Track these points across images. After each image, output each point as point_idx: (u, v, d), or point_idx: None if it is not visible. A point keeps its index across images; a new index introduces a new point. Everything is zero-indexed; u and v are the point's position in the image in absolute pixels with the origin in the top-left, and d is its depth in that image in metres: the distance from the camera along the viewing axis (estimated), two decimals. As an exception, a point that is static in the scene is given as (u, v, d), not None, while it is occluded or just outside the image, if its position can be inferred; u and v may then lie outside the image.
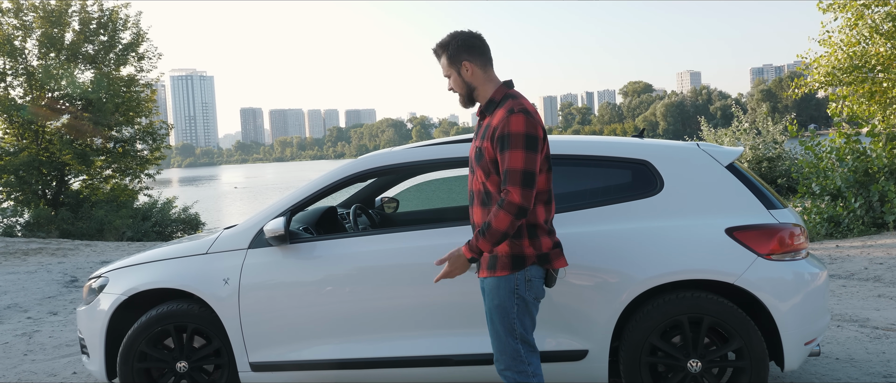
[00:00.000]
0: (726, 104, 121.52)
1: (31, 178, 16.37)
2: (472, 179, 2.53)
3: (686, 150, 3.14)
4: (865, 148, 9.24)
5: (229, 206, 39.25)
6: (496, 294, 2.46)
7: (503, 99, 2.48)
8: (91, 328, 3.42)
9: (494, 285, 2.46)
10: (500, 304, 2.45)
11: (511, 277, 2.44)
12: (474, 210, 2.53)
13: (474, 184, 2.52)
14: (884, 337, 4.25)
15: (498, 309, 2.46)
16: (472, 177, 2.54)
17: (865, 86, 10.43)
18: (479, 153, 2.48)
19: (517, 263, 2.44)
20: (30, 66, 16.80)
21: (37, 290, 7.32)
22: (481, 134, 2.49)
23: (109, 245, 12.11)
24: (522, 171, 2.32)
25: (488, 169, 2.44)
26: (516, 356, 2.45)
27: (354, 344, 3.12)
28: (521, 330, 2.46)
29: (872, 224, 8.77)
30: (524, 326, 2.46)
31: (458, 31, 2.53)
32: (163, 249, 3.53)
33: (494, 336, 2.49)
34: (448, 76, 2.53)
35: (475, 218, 2.53)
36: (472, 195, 2.54)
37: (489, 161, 2.43)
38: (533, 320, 2.49)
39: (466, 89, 2.52)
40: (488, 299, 2.50)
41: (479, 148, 2.48)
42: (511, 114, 2.37)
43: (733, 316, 2.87)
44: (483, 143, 2.46)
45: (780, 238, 2.91)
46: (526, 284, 2.45)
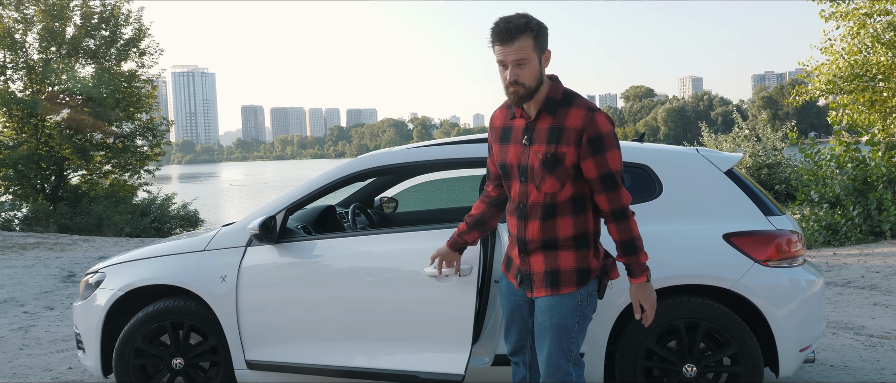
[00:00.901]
0: (727, 110, 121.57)
1: (30, 172, 16.35)
2: (529, 190, 2.23)
3: (685, 155, 3.15)
4: (865, 156, 9.26)
5: (228, 204, 39.23)
6: (557, 313, 2.23)
7: (566, 97, 2.20)
8: (87, 323, 3.42)
9: (556, 303, 2.24)
10: (560, 323, 2.22)
11: (575, 294, 2.23)
12: (531, 224, 2.24)
13: (535, 196, 2.22)
14: (878, 345, 4.26)
15: (557, 330, 2.23)
16: (527, 187, 2.23)
17: (866, 94, 10.45)
18: (554, 160, 2.17)
19: (583, 278, 2.24)
20: (30, 59, 16.79)
21: (34, 285, 7.31)
22: (546, 138, 2.19)
23: (108, 240, 12.10)
24: (621, 172, 2.21)
25: (566, 176, 2.18)
26: (567, 379, 2.26)
27: (349, 351, 3.05)
28: (576, 352, 2.27)
29: (870, 232, 8.78)
30: (579, 346, 2.28)
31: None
32: (160, 245, 3.53)
33: (546, 358, 2.26)
34: (522, 62, 2.12)
35: (535, 234, 2.24)
36: (529, 207, 2.24)
37: (570, 167, 2.17)
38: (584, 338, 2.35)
39: (538, 82, 2.16)
40: (545, 318, 2.26)
41: (554, 154, 2.17)
42: (595, 113, 2.15)
43: (730, 321, 2.87)
44: (559, 149, 2.17)
45: (777, 244, 2.91)
46: (588, 300, 2.26)
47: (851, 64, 10.42)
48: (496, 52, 2.16)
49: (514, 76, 2.13)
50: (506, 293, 2.46)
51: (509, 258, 2.41)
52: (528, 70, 2.14)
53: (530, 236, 2.26)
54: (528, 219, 2.25)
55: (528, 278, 2.30)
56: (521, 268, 2.33)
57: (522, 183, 2.25)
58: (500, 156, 2.31)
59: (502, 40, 2.12)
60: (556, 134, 2.19)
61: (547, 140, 2.19)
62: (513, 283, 2.40)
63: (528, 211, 2.25)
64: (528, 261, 2.30)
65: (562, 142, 2.17)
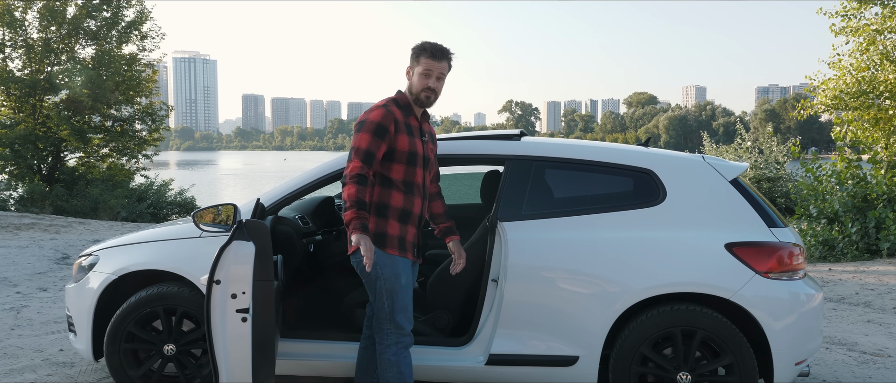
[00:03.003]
0: (730, 121, 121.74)
1: (27, 152, 16.26)
2: (426, 175, 2.87)
3: (691, 162, 3.13)
4: (866, 174, 9.25)
5: (225, 191, 39.15)
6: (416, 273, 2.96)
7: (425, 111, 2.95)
8: (79, 306, 3.39)
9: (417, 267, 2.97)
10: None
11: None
12: (424, 203, 2.89)
13: (429, 180, 2.93)
14: (871, 361, 4.25)
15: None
16: (426, 173, 2.87)
17: (871, 112, 10.44)
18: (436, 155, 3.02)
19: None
20: (30, 38, 16.69)
21: (27, 265, 7.27)
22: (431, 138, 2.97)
23: (103, 224, 12.05)
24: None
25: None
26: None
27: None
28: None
29: (866, 250, 8.78)
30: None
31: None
32: (155, 230, 3.50)
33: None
34: (440, 77, 2.82)
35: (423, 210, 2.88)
36: (427, 190, 2.89)
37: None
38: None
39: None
40: (413, 277, 2.89)
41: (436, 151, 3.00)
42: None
43: (727, 331, 2.86)
44: (434, 146, 2.98)
45: (779, 257, 2.90)
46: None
47: (859, 80, 10.41)
48: (423, 64, 2.78)
49: (434, 86, 2.80)
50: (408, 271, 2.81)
51: (402, 238, 2.79)
52: (441, 85, 2.84)
53: (422, 212, 2.90)
54: (426, 198, 2.90)
55: (420, 248, 2.94)
56: (414, 239, 2.86)
57: (424, 169, 2.86)
58: (409, 145, 2.79)
59: (434, 57, 2.78)
60: (433, 137, 3.00)
61: (432, 140, 2.96)
62: (409, 260, 2.83)
63: (426, 192, 2.90)
64: (419, 232, 2.90)
65: (436, 144, 3.01)
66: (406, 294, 2.77)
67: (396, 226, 2.77)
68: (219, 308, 2.53)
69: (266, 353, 2.62)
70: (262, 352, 2.61)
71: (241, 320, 2.53)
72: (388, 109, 2.77)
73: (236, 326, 2.54)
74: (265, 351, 2.61)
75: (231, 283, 2.53)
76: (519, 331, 2.99)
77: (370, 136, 2.70)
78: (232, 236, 2.56)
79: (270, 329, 2.61)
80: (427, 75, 2.77)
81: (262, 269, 2.56)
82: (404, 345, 2.79)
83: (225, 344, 2.54)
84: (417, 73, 2.78)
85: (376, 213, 2.78)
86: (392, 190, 2.78)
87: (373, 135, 2.71)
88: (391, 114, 2.75)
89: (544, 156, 3.16)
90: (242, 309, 2.53)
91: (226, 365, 2.55)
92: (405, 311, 2.77)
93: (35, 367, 3.88)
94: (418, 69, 2.78)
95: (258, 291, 2.56)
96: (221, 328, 2.53)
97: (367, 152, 2.69)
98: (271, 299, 2.59)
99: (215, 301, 2.52)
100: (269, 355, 2.64)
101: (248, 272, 2.53)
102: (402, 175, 2.77)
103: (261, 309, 2.57)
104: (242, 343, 2.55)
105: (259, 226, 2.59)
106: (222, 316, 2.53)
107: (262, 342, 2.60)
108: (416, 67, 2.79)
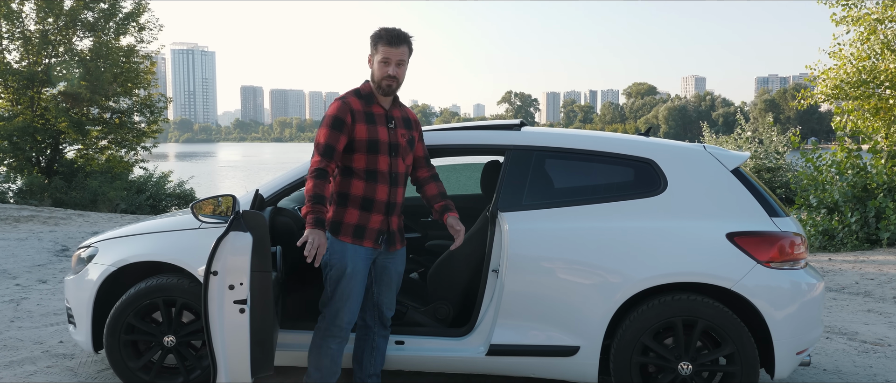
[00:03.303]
0: (729, 111, 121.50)
1: (25, 145, 16.21)
2: (397, 163, 2.83)
3: (692, 152, 3.11)
4: (866, 163, 9.23)
5: (225, 183, 39.12)
6: (404, 259, 2.98)
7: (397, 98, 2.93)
8: (78, 298, 3.38)
9: (403, 251, 2.97)
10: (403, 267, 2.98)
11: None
12: (400, 191, 2.87)
13: (402, 167, 2.86)
14: (871, 351, 4.26)
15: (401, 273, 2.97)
16: (396, 160, 2.83)
17: (871, 101, 10.40)
18: (412, 141, 2.92)
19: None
20: (27, 30, 16.60)
21: (27, 258, 7.26)
22: (404, 124, 2.90)
23: (102, 216, 12.03)
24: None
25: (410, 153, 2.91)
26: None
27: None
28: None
29: (866, 239, 8.78)
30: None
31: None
32: (154, 222, 3.49)
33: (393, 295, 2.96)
34: (401, 63, 2.78)
35: (398, 197, 2.86)
36: (400, 177, 2.85)
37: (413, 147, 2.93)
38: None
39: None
40: (400, 263, 2.94)
41: (411, 137, 2.91)
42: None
43: (728, 321, 2.85)
44: (412, 133, 2.93)
45: (780, 246, 2.89)
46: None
47: (859, 69, 10.37)
48: (381, 52, 2.76)
49: (394, 73, 2.77)
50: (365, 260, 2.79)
51: (361, 227, 2.79)
52: (403, 70, 2.81)
53: (398, 200, 2.87)
54: (398, 186, 2.85)
55: (391, 235, 2.88)
56: (381, 228, 2.83)
57: (392, 157, 2.81)
58: (369, 134, 2.77)
59: (391, 43, 2.74)
60: (408, 123, 2.92)
61: (405, 126, 2.89)
62: (369, 248, 2.81)
63: (398, 179, 2.84)
64: (389, 220, 2.85)
65: (412, 128, 2.93)
66: (352, 282, 2.77)
67: (356, 214, 2.79)
68: (216, 299, 2.52)
69: (264, 344, 2.62)
70: (261, 343, 2.60)
71: (238, 311, 2.53)
72: (345, 101, 2.79)
73: (234, 317, 2.53)
74: (264, 342, 2.61)
75: (228, 274, 2.52)
76: (519, 322, 2.99)
77: (328, 130, 2.73)
78: (229, 227, 2.55)
79: (269, 320, 2.60)
80: (386, 63, 2.76)
81: (260, 260, 2.55)
82: (332, 335, 2.80)
83: (223, 336, 2.53)
84: (377, 62, 2.78)
85: (337, 202, 2.82)
86: (352, 178, 2.80)
87: (330, 128, 2.73)
88: (347, 105, 2.76)
89: (545, 146, 3.15)
90: (240, 300, 2.53)
91: (224, 357, 2.55)
92: (348, 301, 2.78)
93: (35, 359, 3.88)
94: (377, 57, 2.77)
95: (256, 282, 2.55)
96: (219, 319, 2.53)
97: (326, 146, 2.72)
98: (269, 290, 2.58)
99: (213, 292, 2.51)
100: (268, 346, 2.64)
101: (245, 263, 2.52)
102: (364, 163, 2.78)
103: (259, 300, 2.56)
104: (240, 334, 2.54)
105: (257, 217, 2.58)
106: (220, 308, 2.52)
107: (260, 333, 2.59)
108: (375, 56, 2.79)
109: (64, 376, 3.60)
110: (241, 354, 2.56)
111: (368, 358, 3.00)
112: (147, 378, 3.26)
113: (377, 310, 2.96)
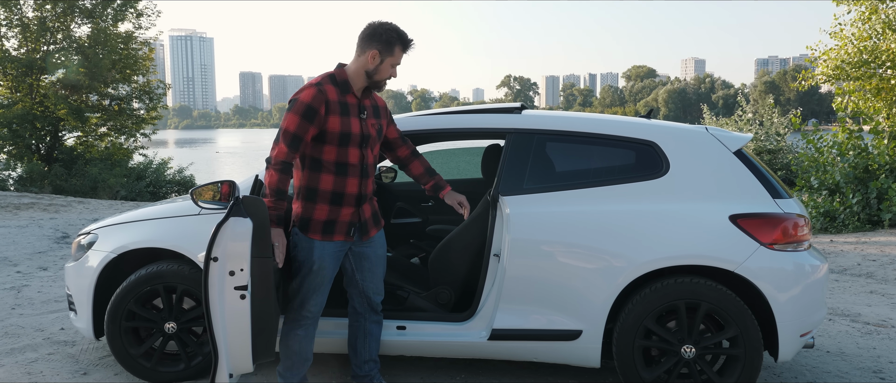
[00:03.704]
0: (729, 93, 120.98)
1: (25, 132, 16.17)
2: (370, 154, 2.77)
3: (694, 133, 3.08)
4: (867, 144, 9.19)
5: (224, 169, 39.09)
6: (383, 242, 2.94)
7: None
8: (79, 285, 3.37)
9: (382, 234, 2.94)
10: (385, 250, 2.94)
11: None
12: (369, 181, 2.80)
13: (371, 158, 2.79)
14: (874, 332, 4.25)
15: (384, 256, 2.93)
16: (369, 152, 2.76)
17: (873, 81, 10.33)
18: (381, 130, 2.85)
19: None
20: (25, 17, 16.47)
21: (27, 245, 7.26)
22: (375, 113, 2.82)
23: (102, 203, 12.02)
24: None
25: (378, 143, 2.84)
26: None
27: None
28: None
29: (868, 221, 8.76)
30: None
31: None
32: (154, 208, 3.47)
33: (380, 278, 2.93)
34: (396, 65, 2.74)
35: (368, 188, 2.80)
36: (369, 167, 2.77)
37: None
38: None
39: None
40: (379, 248, 2.90)
41: (381, 126, 2.85)
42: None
43: (731, 304, 2.84)
44: (381, 121, 2.86)
45: (783, 228, 2.86)
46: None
47: (860, 50, 10.28)
48: (397, 55, 2.71)
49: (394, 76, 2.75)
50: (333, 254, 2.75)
51: (331, 222, 2.73)
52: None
53: (368, 190, 2.81)
54: (368, 176, 2.79)
55: (364, 225, 2.82)
56: (352, 219, 2.78)
57: (363, 149, 2.74)
58: (342, 126, 2.67)
59: (406, 48, 2.72)
60: (378, 111, 2.85)
61: (375, 115, 2.81)
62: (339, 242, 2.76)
63: (368, 170, 2.78)
64: (361, 210, 2.80)
65: (382, 117, 2.86)
66: (318, 277, 2.74)
67: (325, 209, 2.71)
68: (217, 285, 2.50)
69: (265, 330, 2.61)
70: (262, 329, 2.59)
71: (239, 297, 2.51)
72: (320, 89, 2.64)
73: (235, 303, 2.51)
74: (264, 328, 2.60)
75: (229, 260, 2.51)
76: (521, 306, 2.97)
77: (299, 119, 2.60)
78: (229, 212, 2.53)
79: (269, 305, 2.59)
80: (395, 65, 2.72)
81: (260, 246, 2.53)
82: (300, 324, 2.80)
83: (224, 322, 2.52)
84: (388, 63, 2.69)
85: (304, 198, 2.73)
86: (321, 172, 2.70)
87: (302, 117, 2.60)
88: (323, 94, 2.63)
89: (545, 129, 3.11)
90: (241, 286, 2.51)
91: (225, 343, 2.54)
92: (315, 294, 2.76)
93: (36, 346, 3.88)
94: (390, 59, 2.69)
95: (256, 268, 2.53)
96: (220, 305, 2.51)
97: (294, 136, 2.61)
98: (270, 276, 2.57)
99: (213, 278, 2.50)
100: (269, 332, 2.63)
101: (245, 249, 2.50)
102: (335, 156, 2.68)
103: (259, 286, 2.55)
104: (241, 320, 2.53)
105: (256, 202, 2.56)
106: (220, 294, 2.51)
107: (260, 319, 2.58)
108: (385, 56, 2.68)
109: (65, 363, 3.60)
110: (243, 340, 2.55)
111: (362, 344, 2.99)
112: (148, 364, 3.26)
113: (365, 297, 2.94)
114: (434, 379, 3.35)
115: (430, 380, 3.34)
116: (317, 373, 3.36)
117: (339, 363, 3.51)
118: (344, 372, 3.41)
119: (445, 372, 3.43)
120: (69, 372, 3.47)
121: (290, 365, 2.87)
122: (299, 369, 2.87)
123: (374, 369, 3.03)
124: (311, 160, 2.70)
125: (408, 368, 3.47)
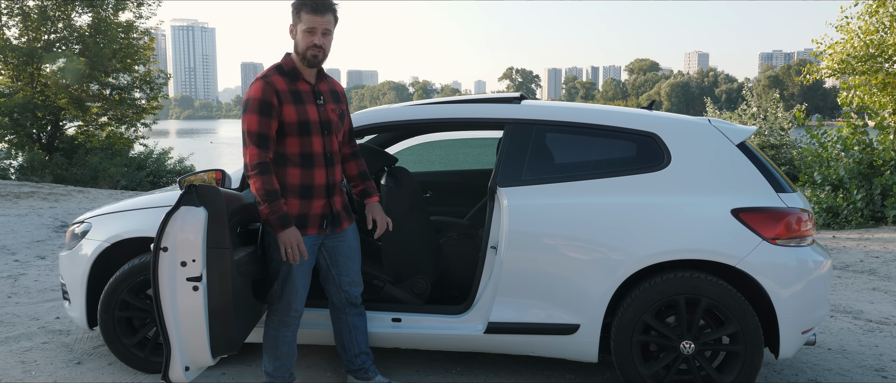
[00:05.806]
0: (732, 88, 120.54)
1: (26, 121, 16.14)
2: (334, 141, 2.69)
3: (697, 126, 3.02)
4: (872, 140, 9.11)
5: (225, 159, 39.09)
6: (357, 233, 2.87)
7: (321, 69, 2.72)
8: (72, 274, 3.34)
9: (354, 226, 2.86)
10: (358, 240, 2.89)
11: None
12: (337, 169, 2.72)
13: (336, 145, 2.71)
14: (877, 330, 4.21)
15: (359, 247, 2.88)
16: (329, 139, 2.67)
17: (879, 76, 10.24)
18: (343, 115, 2.76)
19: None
20: (25, 6, 16.40)
21: (26, 234, 7.24)
22: (333, 98, 2.72)
23: (103, 192, 11.99)
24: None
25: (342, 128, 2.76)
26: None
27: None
28: None
29: (871, 217, 8.70)
30: None
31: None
32: (148, 197, 3.43)
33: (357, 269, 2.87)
34: (327, 33, 2.58)
35: (336, 177, 2.72)
36: (334, 156, 2.70)
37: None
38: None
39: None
40: (353, 239, 2.83)
41: (343, 111, 2.76)
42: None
43: (732, 299, 2.79)
44: (342, 106, 2.77)
45: (787, 222, 2.81)
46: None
47: (867, 43, 10.19)
48: (305, 20, 2.54)
49: (320, 43, 2.56)
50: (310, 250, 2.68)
51: (303, 215, 2.66)
52: (329, 40, 2.60)
53: (337, 180, 2.73)
54: (335, 165, 2.71)
55: (336, 217, 2.75)
56: (324, 210, 2.70)
57: (325, 136, 2.66)
58: (299, 114, 2.59)
59: (316, 11, 2.52)
60: (336, 96, 2.75)
61: (334, 100, 2.72)
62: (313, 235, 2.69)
63: (334, 158, 2.70)
64: (332, 202, 2.73)
65: (341, 101, 2.78)
66: (298, 274, 2.68)
67: (296, 203, 2.64)
68: (167, 276, 2.42)
69: (225, 323, 2.52)
70: (221, 322, 2.51)
71: (191, 289, 2.42)
72: (267, 81, 2.56)
73: (187, 295, 2.42)
74: (224, 321, 2.51)
75: (179, 251, 2.41)
76: (518, 299, 2.93)
77: (257, 117, 2.52)
78: (179, 201, 2.43)
79: (227, 297, 2.49)
80: (311, 32, 2.54)
81: (216, 236, 2.45)
82: (286, 324, 2.75)
83: (176, 314, 2.43)
84: (301, 31, 2.55)
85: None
86: (287, 166, 2.62)
87: (259, 114, 2.52)
88: (271, 85, 2.55)
89: (545, 119, 3.06)
90: (193, 277, 2.42)
91: (178, 335, 2.45)
92: (298, 292, 2.72)
93: (31, 335, 3.85)
94: (301, 26, 2.55)
95: (212, 259, 2.45)
96: (171, 297, 2.42)
97: (259, 135, 2.53)
98: (228, 267, 2.47)
99: (163, 269, 2.41)
100: (230, 325, 2.53)
101: (197, 239, 2.40)
102: (298, 147, 2.61)
103: (216, 278, 2.46)
104: (195, 313, 2.44)
105: (212, 191, 2.45)
106: (171, 285, 2.42)
107: (219, 311, 2.49)
108: (298, 25, 2.56)
109: (60, 352, 3.58)
110: (199, 333, 2.46)
111: (349, 339, 2.94)
112: (142, 354, 3.24)
113: (342, 291, 2.88)
114: (430, 373, 3.31)
115: (426, 374, 3.31)
116: (309, 376, 3.33)
117: (331, 365, 3.48)
118: (336, 372, 3.38)
119: (441, 366, 3.40)
120: (63, 361, 3.44)
121: (279, 365, 2.81)
122: (288, 367, 2.84)
123: (367, 361, 2.99)
124: (276, 155, 2.62)
125: (403, 362, 3.43)
